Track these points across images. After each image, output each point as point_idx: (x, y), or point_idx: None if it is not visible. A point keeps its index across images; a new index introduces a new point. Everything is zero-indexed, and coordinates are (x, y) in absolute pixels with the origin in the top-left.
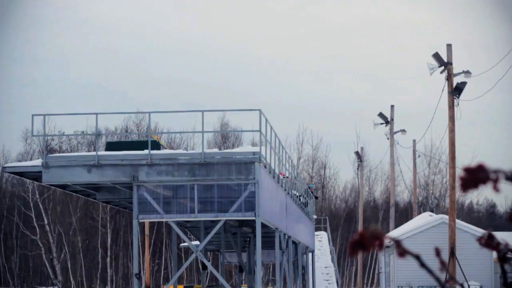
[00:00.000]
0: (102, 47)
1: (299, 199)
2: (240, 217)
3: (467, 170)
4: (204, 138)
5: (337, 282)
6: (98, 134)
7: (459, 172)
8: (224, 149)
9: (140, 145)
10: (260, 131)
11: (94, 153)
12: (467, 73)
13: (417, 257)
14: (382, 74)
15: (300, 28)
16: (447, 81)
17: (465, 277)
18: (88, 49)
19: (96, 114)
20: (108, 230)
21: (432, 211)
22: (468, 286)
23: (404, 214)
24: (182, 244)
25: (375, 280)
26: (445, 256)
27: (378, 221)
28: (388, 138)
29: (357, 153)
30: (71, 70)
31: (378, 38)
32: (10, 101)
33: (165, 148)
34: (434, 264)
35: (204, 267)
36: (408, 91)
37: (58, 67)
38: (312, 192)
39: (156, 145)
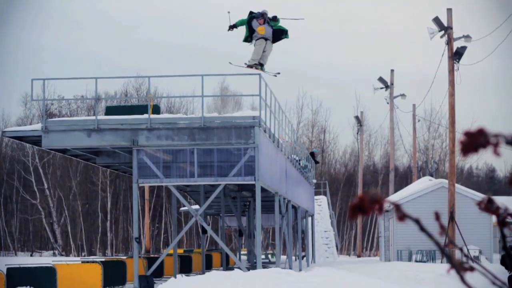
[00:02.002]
0: (102, 12)
1: (299, 163)
2: (240, 181)
3: (467, 134)
4: (203, 102)
5: (336, 246)
6: (97, 99)
7: (459, 137)
8: (224, 113)
9: (139, 109)
10: (260, 95)
11: (93, 117)
12: (467, 37)
13: (417, 221)
14: (382, 38)
15: None
16: (447, 46)
17: (464, 242)
18: (88, 14)
19: (96, 78)
20: (108, 194)
21: (431, 175)
22: (468, 250)
23: (404, 178)
24: (182, 208)
25: (375, 244)
26: (445, 220)
27: (378, 186)
28: (388, 103)
29: (356, 117)
30: (71, 35)
31: (378, 2)
32: (9, 65)
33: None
34: (433, 229)
35: (204, 231)
36: (408, 55)
37: (58, 32)
38: (314, 156)
39: (156, 110)
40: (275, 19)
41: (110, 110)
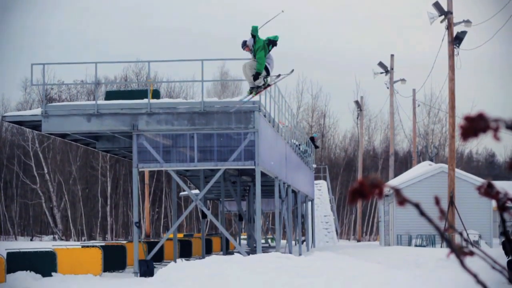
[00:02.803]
0: None
1: (299, 148)
2: (240, 166)
3: (467, 118)
4: (203, 87)
5: (336, 230)
6: (97, 83)
7: (458, 121)
8: (224, 98)
9: (139, 94)
10: None
11: (93, 102)
12: (467, 22)
13: (417, 206)
14: (382, 23)
15: None
16: (447, 31)
17: (464, 226)
18: None
19: (96, 63)
20: (108, 179)
21: (431, 160)
22: (467, 234)
23: (404, 163)
24: (181, 193)
25: (374, 229)
26: (444, 205)
27: (378, 170)
28: (388, 88)
29: (356, 102)
30: (71, 20)
31: None
32: (9, 50)
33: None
34: (433, 213)
35: (204, 215)
36: (409, 40)
37: (58, 16)
38: (314, 141)
39: (156, 94)
40: (274, 43)
41: (110, 95)
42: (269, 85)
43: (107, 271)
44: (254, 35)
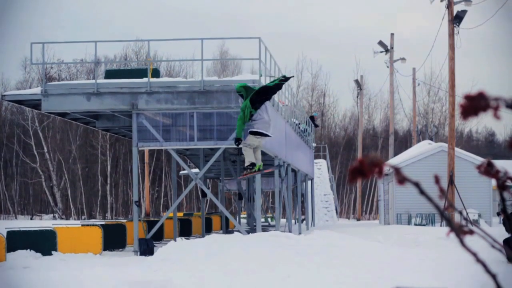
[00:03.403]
0: None
1: (299, 127)
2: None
3: (468, 97)
4: (203, 66)
5: (336, 209)
6: (97, 62)
7: (458, 101)
8: (224, 77)
9: (139, 73)
10: (259, 59)
11: (93, 81)
12: (467, 1)
13: (416, 185)
14: (382, 1)
15: None
16: (447, 9)
17: (463, 205)
18: None
19: (95, 42)
20: (108, 158)
21: (431, 139)
22: (467, 213)
23: (403, 142)
24: (181, 172)
25: (374, 208)
26: (444, 184)
27: (377, 149)
28: (387, 67)
29: (356, 81)
30: None
31: None
32: (9, 28)
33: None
34: (433, 192)
35: (204, 194)
36: (409, 19)
37: None
38: (314, 120)
39: (155, 73)
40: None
41: (109, 74)
42: (260, 170)
43: (107, 250)
44: (240, 93)
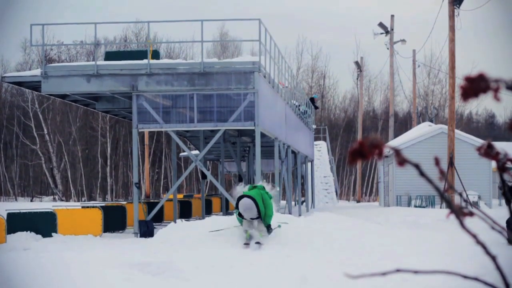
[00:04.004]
0: None
1: (299, 109)
2: (240, 126)
3: (468, 79)
4: (203, 47)
5: (336, 191)
6: (97, 44)
7: (458, 82)
8: (224, 59)
9: (139, 54)
10: (259, 40)
11: (93, 62)
12: None
13: (417, 166)
14: None
15: None
16: None
17: (463, 187)
18: None
19: (95, 23)
20: (108, 140)
21: (431, 121)
22: (467, 195)
23: (403, 124)
24: (181, 154)
25: (374, 190)
26: (444, 165)
27: (377, 131)
28: (388, 48)
29: (356, 63)
30: None
31: None
32: (8, 10)
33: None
34: (433, 174)
35: (204, 176)
36: (409, 1)
37: None
38: (314, 102)
39: (155, 55)
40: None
41: (109, 56)
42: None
43: (107, 232)
44: None
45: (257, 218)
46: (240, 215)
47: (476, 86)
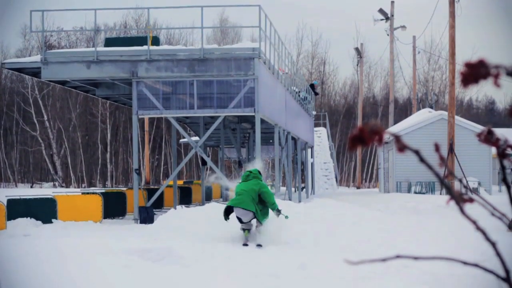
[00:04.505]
0: None
1: (299, 95)
2: (240, 113)
3: (468, 65)
4: (203, 34)
5: (336, 177)
6: (97, 30)
7: (459, 69)
8: (224, 45)
9: (139, 41)
10: (259, 27)
11: (93, 49)
12: None
13: (417, 152)
14: None
15: None
16: None
17: (463, 173)
18: None
19: (95, 9)
20: (108, 126)
21: (431, 107)
22: (467, 181)
23: (404, 110)
24: (181, 140)
25: (374, 176)
26: (444, 152)
27: (377, 117)
28: (388, 34)
29: (357, 49)
30: None
31: None
32: None
33: (157, 39)
34: (433, 160)
35: (204, 162)
36: None
37: None
38: (314, 88)
39: (155, 41)
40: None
41: (109, 42)
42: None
43: (107, 218)
44: None
45: (254, 217)
46: (238, 218)
47: (476, 72)
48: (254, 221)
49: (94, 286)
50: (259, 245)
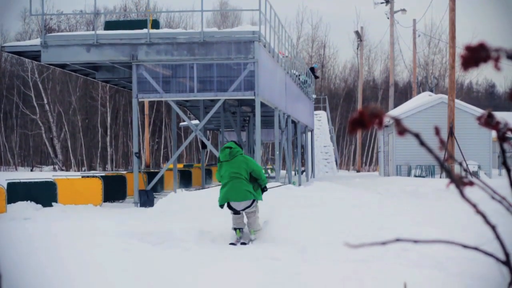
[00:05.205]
0: None
1: (299, 79)
2: (240, 96)
3: (468, 48)
4: (203, 17)
5: (336, 161)
6: (96, 13)
7: (459, 52)
8: (224, 28)
9: (139, 24)
10: (259, 10)
11: (93, 32)
12: None
13: (417, 136)
14: None
15: None
16: None
17: (463, 157)
18: None
19: None
20: (108, 109)
21: (431, 90)
22: (467, 165)
23: (404, 93)
24: (181, 123)
25: (374, 159)
26: (444, 135)
27: (378, 101)
28: (388, 18)
29: (357, 32)
30: None
31: None
32: None
33: (157, 22)
34: (433, 143)
35: (204, 146)
36: None
37: None
38: (314, 71)
39: (155, 24)
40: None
41: (109, 25)
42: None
43: (107, 201)
44: None
45: (252, 203)
46: (230, 207)
47: (477, 55)
48: (245, 220)
49: (93, 269)
50: (243, 243)
